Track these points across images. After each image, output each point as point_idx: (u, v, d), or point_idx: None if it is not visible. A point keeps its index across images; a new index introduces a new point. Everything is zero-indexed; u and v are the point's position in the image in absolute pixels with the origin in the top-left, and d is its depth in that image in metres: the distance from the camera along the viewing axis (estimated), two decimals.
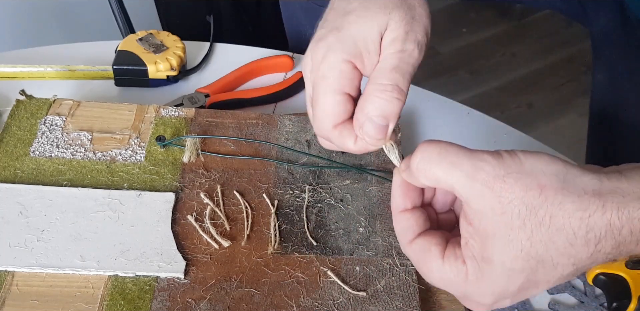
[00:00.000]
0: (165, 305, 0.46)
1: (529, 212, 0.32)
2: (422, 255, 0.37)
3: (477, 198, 0.33)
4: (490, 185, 0.33)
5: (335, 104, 0.38)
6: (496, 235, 0.33)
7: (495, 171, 0.33)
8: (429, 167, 0.34)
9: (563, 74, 1.80)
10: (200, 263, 0.49)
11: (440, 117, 0.68)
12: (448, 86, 1.72)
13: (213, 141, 0.58)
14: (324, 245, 0.51)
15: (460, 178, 0.33)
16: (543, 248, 0.32)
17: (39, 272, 0.47)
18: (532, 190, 0.32)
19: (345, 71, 0.38)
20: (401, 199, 0.38)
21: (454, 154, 0.34)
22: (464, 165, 0.33)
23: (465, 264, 0.35)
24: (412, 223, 0.37)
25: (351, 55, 0.38)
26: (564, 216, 0.32)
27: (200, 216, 0.52)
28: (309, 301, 0.47)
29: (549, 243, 0.32)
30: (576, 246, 0.32)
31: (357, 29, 0.38)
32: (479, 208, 0.33)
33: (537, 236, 0.32)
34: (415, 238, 0.37)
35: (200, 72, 0.71)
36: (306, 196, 0.55)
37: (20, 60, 0.68)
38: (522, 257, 0.33)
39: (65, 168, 0.54)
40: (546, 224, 0.32)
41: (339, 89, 0.38)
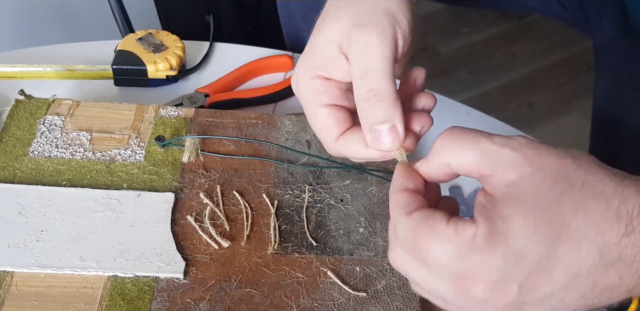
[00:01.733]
0: (164, 306, 0.46)
1: (561, 175, 0.30)
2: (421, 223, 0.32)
3: (505, 165, 0.31)
4: (523, 151, 0.31)
5: (323, 118, 0.39)
6: (521, 194, 0.30)
7: (527, 142, 0.32)
8: (458, 139, 0.33)
9: (563, 73, 1.80)
10: (199, 263, 0.49)
11: (440, 117, 0.67)
12: (448, 86, 1.72)
13: (213, 141, 0.58)
14: (324, 245, 0.51)
15: (489, 146, 0.32)
16: (571, 211, 0.29)
17: (38, 272, 0.47)
18: (565, 159, 0.31)
19: (317, 87, 0.39)
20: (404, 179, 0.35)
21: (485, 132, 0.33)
22: (495, 137, 0.32)
23: (475, 224, 0.30)
24: (414, 199, 0.34)
25: (315, 70, 0.39)
26: (597, 183, 0.30)
27: (200, 217, 0.52)
28: (309, 301, 0.47)
29: (579, 207, 0.29)
30: (607, 220, 0.29)
31: (315, 42, 0.39)
32: (504, 175, 0.31)
33: (567, 197, 0.29)
34: (417, 209, 0.33)
35: (200, 72, 0.70)
36: (306, 196, 0.54)
37: (19, 60, 0.67)
38: (547, 218, 0.29)
39: (65, 168, 0.54)
40: (578, 186, 0.30)
41: (319, 104, 0.39)
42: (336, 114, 0.39)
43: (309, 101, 0.39)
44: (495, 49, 1.86)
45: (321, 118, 0.39)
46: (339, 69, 0.38)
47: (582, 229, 0.29)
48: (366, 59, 0.36)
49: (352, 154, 0.40)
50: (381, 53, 0.36)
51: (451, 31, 1.86)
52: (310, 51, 0.39)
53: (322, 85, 0.39)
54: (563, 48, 1.84)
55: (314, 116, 0.39)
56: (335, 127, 0.39)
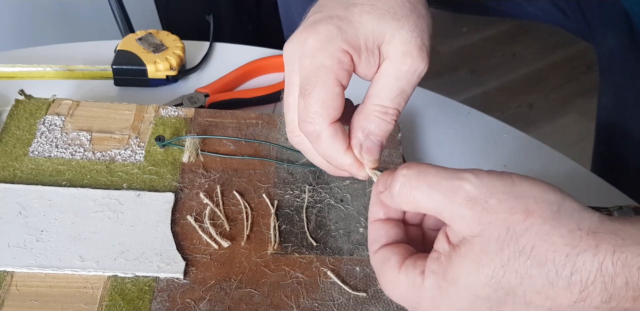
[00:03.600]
0: (164, 306, 0.46)
1: (510, 237, 0.29)
2: (380, 264, 0.34)
3: (457, 220, 0.30)
4: (470, 206, 0.30)
5: (335, 96, 0.35)
6: (467, 256, 0.30)
7: (476, 190, 0.30)
8: (408, 192, 0.32)
9: (563, 73, 1.80)
10: (199, 263, 0.49)
11: (440, 117, 0.68)
12: (448, 86, 1.72)
13: (213, 141, 0.58)
14: (324, 245, 0.51)
15: (439, 200, 0.31)
16: (517, 280, 0.29)
17: (38, 272, 0.47)
18: (516, 214, 0.29)
19: (345, 62, 0.35)
20: (375, 208, 0.36)
21: (433, 175, 0.31)
22: (442, 186, 0.31)
23: (423, 276, 0.32)
24: (382, 234, 0.35)
25: (352, 47, 0.35)
26: (548, 250, 0.28)
27: (200, 217, 0.52)
28: (309, 301, 0.47)
29: (525, 276, 0.28)
30: (556, 288, 0.28)
31: (362, 23, 0.35)
32: (458, 230, 0.30)
33: (514, 266, 0.28)
34: (380, 248, 0.35)
35: (200, 72, 0.70)
36: (306, 196, 0.54)
37: (19, 60, 0.67)
38: (491, 285, 0.29)
39: (65, 168, 0.54)
40: (526, 254, 0.28)
41: (338, 80, 0.35)
42: (342, 100, 0.36)
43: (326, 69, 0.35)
44: (495, 49, 1.86)
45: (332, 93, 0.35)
46: (367, 64, 0.36)
47: (528, 295, 0.29)
48: (410, 83, 0.36)
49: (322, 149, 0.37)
50: (416, 84, 0.36)
51: (451, 31, 1.86)
52: (353, 25, 0.35)
53: (349, 64, 0.35)
54: (563, 48, 1.84)
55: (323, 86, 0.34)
56: (337, 110, 0.35)
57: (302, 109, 0.36)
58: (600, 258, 0.27)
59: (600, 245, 0.28)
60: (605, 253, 0.27)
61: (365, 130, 0.36)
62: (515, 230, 0.29)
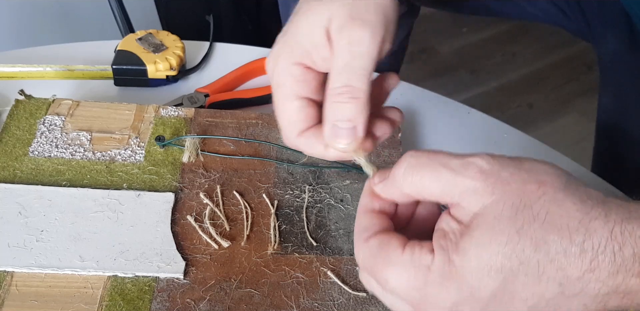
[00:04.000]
0: (164, 306, 0.46)
1: (523, 205, 0.29)
2: (378, 250, 0.32)
3: (468, 195, 0.30)
4: (483, 178, 0.29)
5: (294, 111, 0.36)
6: (480, 226, 0.29)
7: (488, 165, 0.30)
8: (416, 172, 0.31)
9: (563, 73, 1.80)
10: (199, 263, 0.49)
11: (440, 117, 0.68)
12: (448, 86, 1.72)
13: (213, 141, 0.58)
14: (324, 245, 0.51)
15: (449, 176, 0.30)
16: (532, 247, 0.28)
17: (38, 272, 0.47)
18: (530, 184, 0.29)
19: (297, 74, 0.36)
20: (369, 199, 0.35)
21: (443, 155, 0.31)
22: (453, 163, 0.30)
23: (432, 254, 0.30)
24: (375, 222, 0.34)
25: (298, 56, 0.36)
26: (562, 215, 0.28)
27: (200, 217, 0.52)
28: (309, 301, 0.47)
29: (540, 242, 0.28)
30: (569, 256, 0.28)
31: (300, 27, 0.36)
32: (469, 206, 0.30)
33: (528, 231, 0.28)
34: (374, 234, 0.33)
35: (200, 72, 0.70)
36: (306, 196, 0.54)
37: (19, 60, 0.67)
38: (505, 253, 0.28)
39: (65, 168, 0.54)
40: (540, 219, 0.28)
41: (295, 94, 0.36)
42: (307, 110, 0.36)
43: (283, 88, 0.36)
44: (495, 49, 1.86)
45: (291, 110, 0.36)
46: (323, 58, 0.36)
47: (541, 265, 0.28)
48: (352, 55, 0.34)
49: (310, 151, 0.37)
50: (368, 52, 0.34)
51: (451, 31, 1.86)
52: (294, 34, 0.36)
53: (302, 74, 0.36)
54: (563, 48, 1.84)
55: (283, 105, 0.36)
56: (302, 122, 0.36)
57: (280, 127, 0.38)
58: (610, 226, 0.28)
59: (609, 214, 0.28)
60: (614, 221, 0.28)
61: (329, 122, 0.35)
62: (529, 197, 0.29)
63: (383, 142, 0.59)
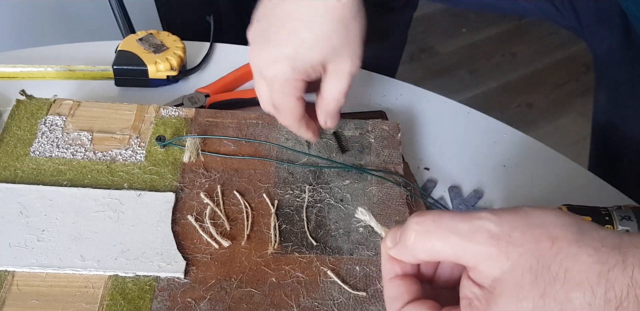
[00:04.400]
0: (165, 305, 0.46)
1: (541, 266, 0.29)
2: None
3: (483, 260, 0.30)
4: (495, 243, 0.30)
5: (295, 107, 0.50)
6: (504, 293, 0.29)
7: (497, 227, 0.30)
8: (425, 239, 0.32)
9: (563, 73, 1.80)
10: (200, 263, 0.49)
11: (440, 117, 0.68)
12: (448, 86, 1.72)
13: (213, 141, 0.58)
14: (324, 245, 0.51)
15: (459, 243, 0.30)
16: (557, 307, 0.28)
17: (39, 272, 0.47)
18: (543, 242, 0.29)
19: (298, 86, 0.48)
20: (390, 265, 0.36)
21: (448, 219, 0.31)
22: (461, 229, 0.31)
23: None
24: (403, 291, 0.34)
25: (301, 74, 0.47)
26: (580, 271, 0.28)
27: (200, 216, 0.52)
28: (309, 301, 0.48)
29: (565, 301, 0.28)
30: (594, 307, 0.28)
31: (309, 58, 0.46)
32: (487, 271, 0.30)
33: (551, 293, 0.29)
34: (405, 304, 0.34)
35: (200, 72, 0.71)
36: (306, 196, 0.55)
37: (20, 60, 0.68)
38: None
39: (66, 167, 0.54)
40: (560, 279, 0.29)
41: (295, 97, 0.49)
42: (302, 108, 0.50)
43: (288, 94, 0.49)
44: (495, 49, 1.86)
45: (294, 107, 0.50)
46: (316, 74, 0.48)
47: None
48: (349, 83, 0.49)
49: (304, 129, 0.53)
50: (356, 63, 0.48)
51: (451, 31, 1.87)
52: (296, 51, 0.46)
53: (302, 84, 0.48)
54: (563, 48, 1.85)
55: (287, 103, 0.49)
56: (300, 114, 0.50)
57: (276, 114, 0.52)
58: (629, 272, 0.28)
59: (626, 259, 0.28)
60: (633, 266, 0.28)
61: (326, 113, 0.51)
62: (545, 257, 0.29)
63: (383, 142, 0.59)
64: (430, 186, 0.60)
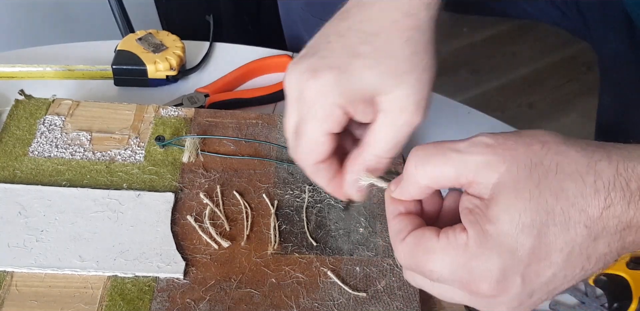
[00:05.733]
0: (164, 306, 0.46)
1: (534, 163, 0.31)
2: (415, 246, 0.33)
3: (481, 169, 0.32)
4: (491, 151, 0.32)
5: (320, 144, 0.38)
6: (502, 191, 0.31)
7: (492, 140, 0.33)
8: (426, 162, 0.33)
9: (564, 73, 1.80)
10: (199, 263, 0.49)
11: (440, 117, 0.68)
12: (448, 86, 1.72)
13: (213, 141, 0.58)
14: (324, 245, 0.51)
15: (459, 158, 0.32)
16: (553, 196, 0.30)
17: (38, 272, 0.47)
18: (534, 145, 0.32)
19: (337, 116, 0.37)
20: (393, 206, 0.36)
21: (448, 143, 0.34)
22: (459, 146, 0.33)
23: (465, 231, 0.32)
24: (407, 223, 0.35)
25: (348, 102, 0.37)
26: (570, 163, 0.31)
27: (200, 217, 0.52)
28: (309, 301, 0.47)
29: (559, 190, 0.30)
30: (586, 197, 0.30)
31: (362, 78, 0.37)
32: (485, 180, 0.31)
33: (545, 183, 0.30)
34: (408, 233, 0.34)
35: (200, 72, 0.70)
36: (306, 196, 0.54)
37: (19, 60, 0.67)
38: (531, 208, 0.30)
39: (65, 168, 0.54)
40: (553, 171, 0.31)
41: (327, 130, 0.38)
42: (331, 144, 0.39)
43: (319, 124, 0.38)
44: (495, 49, 1.86)
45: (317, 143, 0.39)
46: (364, 113, 0.38)
47: (565, 212, 0.30)
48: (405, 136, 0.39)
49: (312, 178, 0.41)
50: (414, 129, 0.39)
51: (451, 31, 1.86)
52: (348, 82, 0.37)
53: (343, 117, 0.38)
54: (563, 48, 1.84)
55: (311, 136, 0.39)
56: (320, 155, 0.39)
57: (292, 143, 0.40)
58: (614, 165, 0.30)
59: (610, 155, 0.31)
60: (617, 161, 0.30)
61: (357, 170, 0.39)
62: (537, 155, 0.31)
63: None
64: None
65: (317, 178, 0.41)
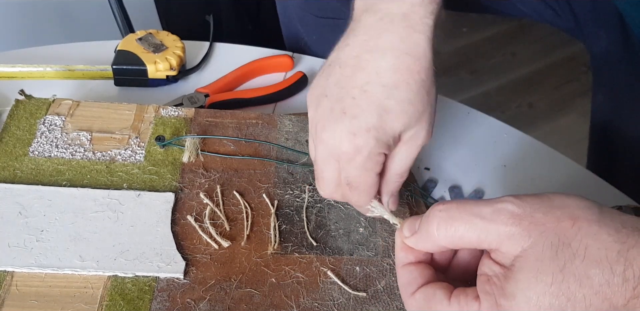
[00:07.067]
0: (164, 306, 0.46)
1: (562, 243, 0.29)
2: (425, 302, 0.33)
3: (505, 240, 0.30)
4: (517, 222, 0.30)
5: (375, 185, 0.44)
6: (523, 268, 0.30)
7: (519, 209, 0.31)
8: (449, 225, 0.32)
9: (563, 73, 1.80)
10: (199, 263, 0.49)
11: (440, 117, 0.67)
12: (448, 86, 1.72)
13: (213, 141, 0.58)
14: (324, 245, 0.51)
15: (482, 225, 0.31)
16: (576, 283, 0.29)
17: (38, 272, 0.47)
18: (564, 222, 0.30)
19: (380, 161, 0.43)
20: (404, 253, 0.36)
21: (472, 204, 0.32)
22: (484, 212, 0.31)
23: (478, 301, 0.31)
24: (416, 275, 0.35)
25: (386, 148, 0.43)
26: (600, 248, 0.29)
27: (200, 217, 0.52)
28: (309, 301, 0.47)
29: (584, 278, 0.29)
30: (613, 286, 0.28)
31: (394, 128, 0.42)
32: (508, 250, 0.30)
33: (571, 269, 0.29)
34: (419, 288, 0.34)
35: (200, 72, 0.70)
36: (306, 196, 0.54)
37: (19, 60, 0.67)
38: (552, 293, 0.29)
39: (65, 168, 0.54)
40: (581, 256, 0.29)
41: (377, 171, 0.43)
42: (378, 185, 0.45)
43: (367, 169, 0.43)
44: (495, 49, 1.86)
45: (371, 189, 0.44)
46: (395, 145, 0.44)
47: (587, 298, 0.29)
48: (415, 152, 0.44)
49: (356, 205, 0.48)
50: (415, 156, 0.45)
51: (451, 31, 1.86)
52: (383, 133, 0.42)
53: (383, 161, 0.43)
54: (563, 48, 1.84)
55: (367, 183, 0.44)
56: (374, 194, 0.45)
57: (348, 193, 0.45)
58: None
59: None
60: None
61: (389, 193, 0.46)
62: (566, 235, 0.29)
63: None
64: (430, 186, 0.60)
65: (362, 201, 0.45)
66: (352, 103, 0.41)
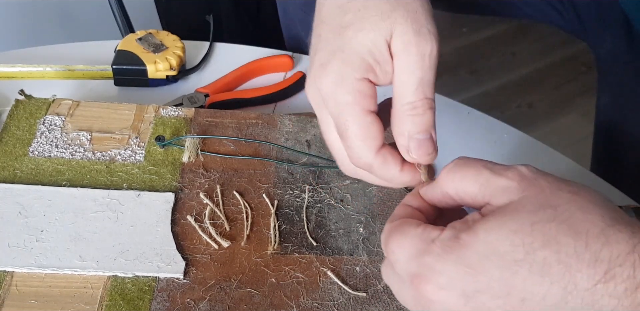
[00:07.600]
0: (164, 306, 0.46)
1: (549, 205, 0.28)
2: (396, 226, 0.32)
3: (500, 192, 0.30)
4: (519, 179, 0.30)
5: (369, 126, 0.35)
6: (497, 213, 0.29)
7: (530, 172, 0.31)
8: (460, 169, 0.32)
9: (563, 73, 1.80)
10: (199, 263, 0.49)
11: (440, 117, 0.67)
12: (448, 86, 1.72)
13: (213, 141, 0.58)
14: (324, 245, 0.51)
15: (488, 176, 0.31)
16: (543, 241, 0.27)
17: (38, 272, 0.47)
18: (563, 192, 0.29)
19: (365, 90, 0.35)
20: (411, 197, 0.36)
21: (491, 162, 0.32)
22: (497, 167, 0.32)
23: (441, 230, 0.30)
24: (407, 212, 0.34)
25: (363, 72, 0.35)
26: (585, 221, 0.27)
27: (200, 217, 0.52)
28: (309, 301, 0.47)
29: (552, 240, 0.27)
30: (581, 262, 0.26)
31: (361, 44, 0.35)
32: (497, 202, 0.30)
33: (543, 228, 0.27)
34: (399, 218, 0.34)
35: (200, 72, 0.70)
36: (306, 196, 0.54)
37: (19, 59, 0.67)
38: (512, 241, 0.27)
39: (65, 168, 0.54)
40: (560, 220, 0.27)
41: (366, 109, 0.35)
42: (379, 125, 0.36)
43: (350, 105, 0.35)
44: (495, 49, 1.86)
45: (366, 126, 0.35)
46: (386, 72, 0.36)
47: (547, 263, 0.27)
48: (424, 69, 0.35)
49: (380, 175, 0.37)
50: (434, 64, 0.36)
51: (451, 31, 1.86)
52: (354, 50, 0.35)
53: (369, 88, 0.35)
54: (563, 48, 1.84)
55: (355, 122, 0.35)
56: (376, 140, 0.36)
57: (347, 148, 0.36)
58: (635, 241, 0.26)
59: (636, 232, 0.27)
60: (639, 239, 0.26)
61: (405, 133, 0.36)
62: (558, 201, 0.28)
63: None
64: None
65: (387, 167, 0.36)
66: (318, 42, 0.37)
